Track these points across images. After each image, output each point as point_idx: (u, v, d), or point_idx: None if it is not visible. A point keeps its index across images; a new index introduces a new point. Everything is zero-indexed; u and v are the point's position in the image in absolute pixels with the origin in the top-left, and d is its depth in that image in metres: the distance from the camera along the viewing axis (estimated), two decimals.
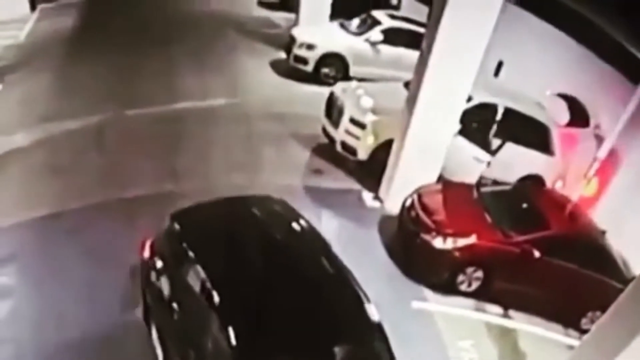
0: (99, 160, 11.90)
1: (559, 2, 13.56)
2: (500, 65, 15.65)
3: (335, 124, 12.63)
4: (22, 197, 10.53)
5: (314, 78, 16.80)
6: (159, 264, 6.94)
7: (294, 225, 7.28)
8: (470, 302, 9.90)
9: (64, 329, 7.79)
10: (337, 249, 7.24)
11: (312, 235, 7.20)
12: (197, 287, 6.15)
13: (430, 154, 10.99)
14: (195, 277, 6.21)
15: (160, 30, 19.61)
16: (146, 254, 7.21)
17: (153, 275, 6.99)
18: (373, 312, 6.37)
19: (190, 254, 6.44)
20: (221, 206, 7.50)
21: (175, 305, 6.54)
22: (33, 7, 20.88)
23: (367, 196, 12.05)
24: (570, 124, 12.76)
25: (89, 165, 11.69)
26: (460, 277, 9.74)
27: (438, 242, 9.63)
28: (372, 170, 12.10)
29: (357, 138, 12.16)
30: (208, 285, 6.02)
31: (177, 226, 6.86)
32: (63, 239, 9.49)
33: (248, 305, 5.99)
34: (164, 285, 6.74)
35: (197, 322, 6.16)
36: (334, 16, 18.73)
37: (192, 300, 6.24)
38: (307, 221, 7.35)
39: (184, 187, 11.24)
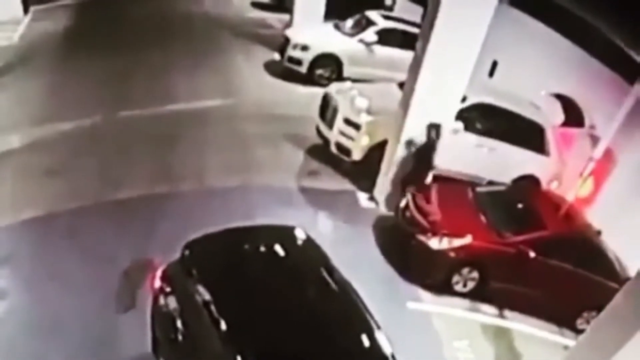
0: (92, 161, 11.83)
1: (553, 2, 13.59)
2: (494, 65, 15.64)
3: (330, 124, 12.59)
4: (16, 199, 10.45)
5: (308, 79, 16.78)
6: (169, 292, 6.86)
7: (304, 256, 7.20)
8: (466, 302, 9.90)
9: (58, 331, 7.75)
10: (331, 250, 7.20)
11: (318, 260, 7.05)
12: (204, 314, 6.07)
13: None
14: (203, 303, 6.15)
15: (154, 31, 19.53)
16: (157, 283, 7.10)
17: (162, 304, 6.90)
18: (385, 343, 6.22)
19: (199, 280, 6.40)
20: (232, 235, 7.40)
21: (183, 334, 6.45)
22: (26, 9, 20.75)
23: (362, 197, 12.04)
24: (565, 124, 12.76)
25: (82, 166, 11.61)
26: (456, 278, 9.74)
27: (433, 243, 9.61)
28: (367, 171, 12.06)
29: (352, 139, 12.12)
30: (215, 312, 5.97)
31: (187, 253, 6.84)
32: (57, 241, 9.44)
33: (256, 334, 5.90)
34: (174, 313, 6.65)
35: (205, 351, 6.09)
36: (328, 17, 18.70)
37: (200, 328, 6.16)
38: (316, 248, 7.24)
39: (178, 188, 11.27)
